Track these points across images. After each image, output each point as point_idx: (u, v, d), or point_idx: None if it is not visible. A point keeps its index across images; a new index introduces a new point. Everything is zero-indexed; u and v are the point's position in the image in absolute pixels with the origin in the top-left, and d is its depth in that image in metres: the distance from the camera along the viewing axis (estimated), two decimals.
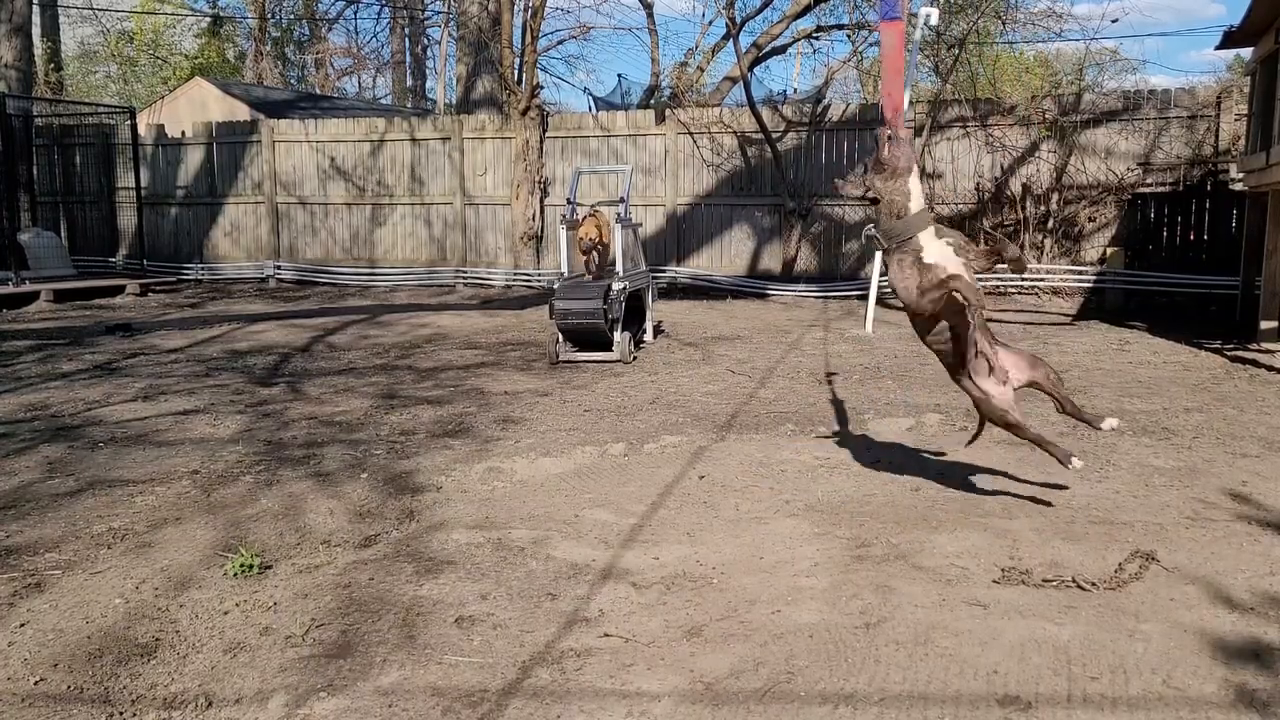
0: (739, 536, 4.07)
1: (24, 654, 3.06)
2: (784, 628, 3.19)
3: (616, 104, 18.31)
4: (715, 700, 2.75)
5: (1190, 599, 3.37)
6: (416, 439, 5.71)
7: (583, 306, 8.17)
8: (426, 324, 11.01)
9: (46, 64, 20.50)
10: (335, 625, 3.25)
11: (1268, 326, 8.89)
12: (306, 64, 34.45)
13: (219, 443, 5.64)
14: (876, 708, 2.69)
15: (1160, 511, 4.29)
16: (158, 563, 3.79)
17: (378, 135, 16.03)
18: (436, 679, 2.90)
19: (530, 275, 14.98)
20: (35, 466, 5.15)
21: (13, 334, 10.25)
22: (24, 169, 15.80)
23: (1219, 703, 2.70)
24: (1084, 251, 12.69)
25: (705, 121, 14.43)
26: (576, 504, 4.53)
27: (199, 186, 17.09)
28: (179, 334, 10.29)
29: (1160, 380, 7.36)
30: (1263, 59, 9.43)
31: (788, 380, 7.53)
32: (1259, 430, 5.74)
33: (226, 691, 2.84)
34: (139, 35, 29.52)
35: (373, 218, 16.19)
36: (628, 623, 3.25)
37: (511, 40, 15.31)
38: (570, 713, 2.70)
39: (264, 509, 4.44)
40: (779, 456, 5.29)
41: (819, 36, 17.53)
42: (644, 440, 5.63)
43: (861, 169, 4.23)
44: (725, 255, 14.55)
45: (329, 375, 7.82)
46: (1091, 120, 12.74)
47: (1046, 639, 3.07)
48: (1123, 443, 5.47)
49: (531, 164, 14.81)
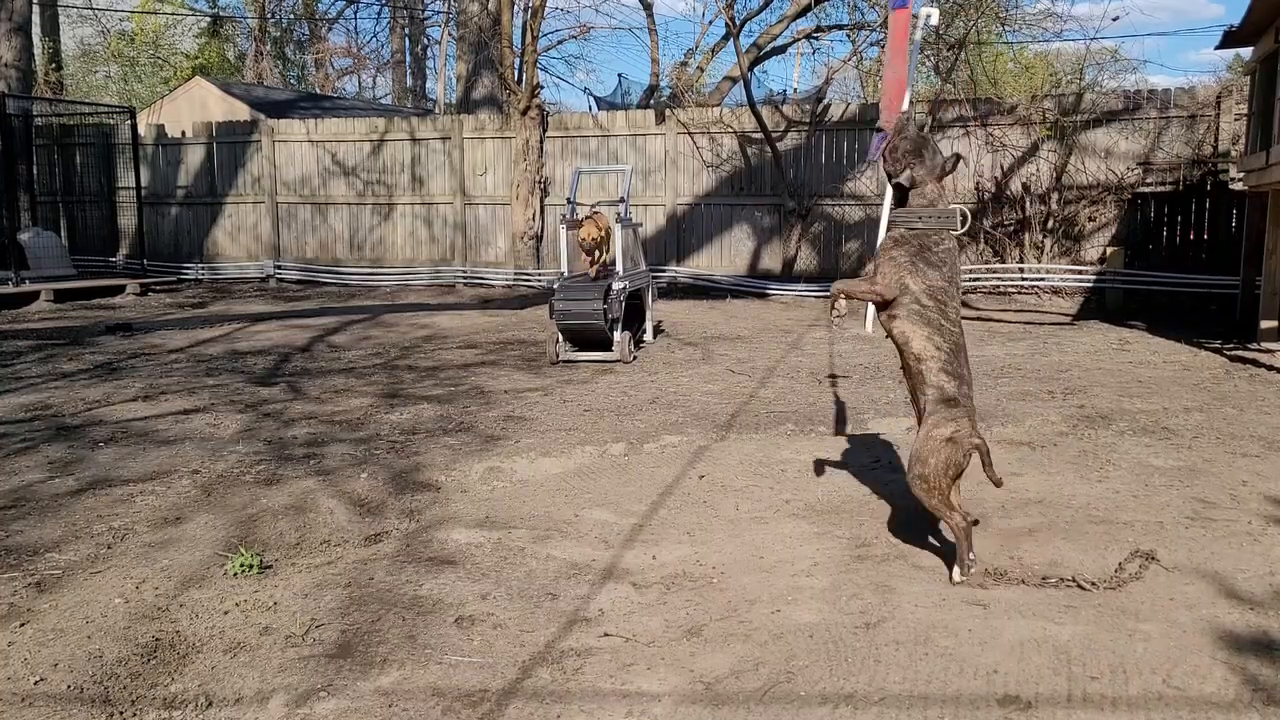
0: (739, 536, 4.07)
1: (24, 654, 3.06)
2: (784, 628, 3.19)
3: (616, 104, 18.32)
4: (715, 700, 2.75)
5: (1190, 598, 3.37)
6: (417, 439, 5.71)
7: (583, 306, 8.17)
8: (427, 323, 11.01)
9: (46, 64, 20.49)
10: (335, 625, 3.25)
11: (1268, 326, 8.89)
12: (306, 64, 34.45)
13: (219, 442, 5.64)
14: (876, 708, 2.69)
15: (1160, 511, 4.28)
16: (158, 563, 3.79)
17: (378, 135, 16.04)
18: (436, 679, 2.90)
19: (530, 275, 14.98)
20: (36, 466, 5.15)
21: (13, 334, 10.25)
22: (24, 169, 15.80)
23: (1220, 702, 2.70)
24: (1084, 251, 12.69)
25: (705, 121, 14.43)
26: (576, 504, 4.53)
27: (199, 186, 17.09)
28: (179, 334, 10.29)
29: (1160, 380, 7.36)
30: (1263, 59, 9.43)
31: (788, 380, 7.53)
32: (1259, 430, 5.74)
33: (226, 691, 2.84)
34: (139, 36, 29.51)
35: (373, 217, 16.20)
36: (628, 622, 3.25)
37: (511, 40, 15.31)
38: (570, 713, 2.70)
39: (264, 509, 4.44)
40: (779, 456, 5.29)
41: (819, 36, 17.55)
42: (644, 440, 5.63)
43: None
44: (725, 255, 14.55)
45: (329, 375, 7.82)
46: (1091, 120, 12.74)
47: (1046, 639, 3.07)
48: (1123, 443, 5.47)
49: (531, 164, 14.81)
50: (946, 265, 3.45)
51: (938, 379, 3.45)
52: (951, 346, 3.46)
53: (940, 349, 3.44)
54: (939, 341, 3.44)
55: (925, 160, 3.57)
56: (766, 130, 13.70)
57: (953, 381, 3.44)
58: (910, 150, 3.60)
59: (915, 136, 3.63)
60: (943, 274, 3.44)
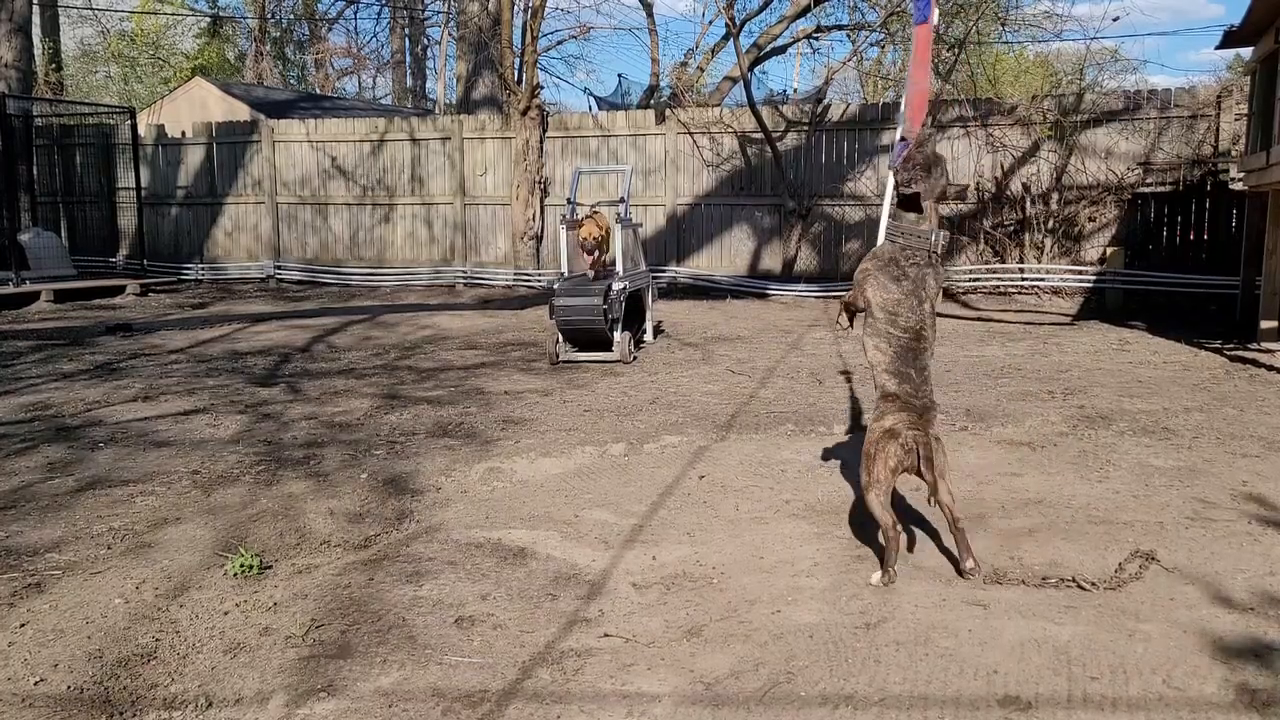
0: (739, 536, 4.07)
1: (24, 654, 3.06)
2: (784, 628, 3.19)
3: (617, 104, 18.34)
4: (715, 701, 2.75)
5: (1190, 599, 3.37)
6: (417, 439, 5.72)
7: (583, 306, 8.17)
8: (427, 324, 11.01)
9: (46, 64, 20.48)
10: (335, 625, 3.25)
11: (1268, 326, 8.89)
12: (306, 64, 34.46)
13: (219, 443, 5.64)
14: (876, 708, 2.69)
15: (1160, 511, 4.28)
16: (158, 563, 3.79)
17: (378, 135, 16.04)
18: (436, 679, 2.90)
19: (530, 275, 14.98)
20: (36, 467, 5.15)
21: (13, 334, 10.25)
22: (24, 169, 15.80)
23: (1219, 703, 2.70)
24: (1084, 251, 12.69)
25: (705, 121, 14.43)
26: (576, 504, 4.53)
27: (199, 186, 17.09)
28: (179, 334, 10.29)
29: (1160, 380, 7.36)
30: (1263, 59, 9.42)
31: (788, 380, 7.53)
32: (1259, 430, 5.74)
33: (226, 692, 2.84)
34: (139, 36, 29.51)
35: (373, 218, 16.20)
36: (628, 623, 3.25)
37: (511, 40, 15.31)
38: (570, 713, 2.70)
39: (264, 509, 4.44)
40: (779, 456, 5.29)
41: (819, 37, 17.56)
42: (644, 440, 5.63)
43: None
44: (725, 255, 14.55)
45: (330, 376, 7.82)
46: (1092, 120, 12.73)
47: (1046, 639, 3.07)
48: (1123, 443, 5.47)
49: (531, 164, 14.81)
50: (909, 280, 3.65)
51: (882, 379, 3.71)
52: (897, 351, 3.66)
53: (885, 354, 3.69)
54: (884, 348, 3.69)
55: (930, 178, 3.74)
56: (766, 130, 13.71)
57: (894, 380, 3.66)
58: (920, 165, 3.76)
59: (930, 155, 3.80)
60: (902, 288, 3.66)
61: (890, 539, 3.54)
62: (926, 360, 3.67)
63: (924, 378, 3.64)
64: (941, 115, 13.18)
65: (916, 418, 3.58)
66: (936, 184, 3.75)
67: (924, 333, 3.65)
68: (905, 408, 3.59)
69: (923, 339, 3.65)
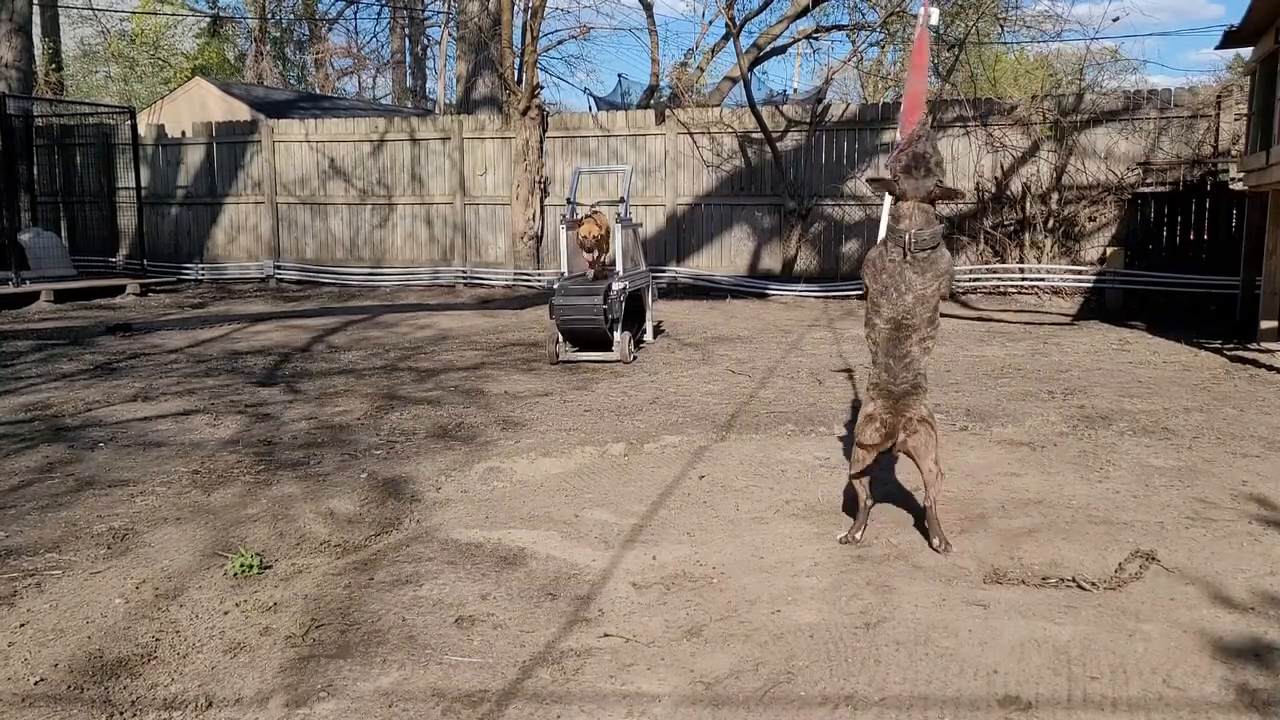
0: (739, 536, 4.07)
1: (24, 654, 3.06)
2: (784, 628, 3.19)
3: (616, 104, 18.32)
4: (715, 700, 2.75)
5: (1190, 599, 3.37)
6: (416, 439, 5.71)
7: (583, 306, 8.16)
8: (427, 324, 11.01)
9: (47, 64, 20.48)
10: (335, 625, 3.25)
11: (1268, 326, 8.89)
12: (306, 64, 34.46)
13: (219, 443, 5.64)
14: (876, 708, 2.69)
15: (1160, 511, 4.28)
16: (157, 563, 3.79)
17: (378, 135, 16.04)
18: (436, 679, 2.89)
19: (530, 275, 14.98)
20: (35, 467, 5.15)
21: (13, 334, 10.25)
22: (24, 169, 15.80)
23: (1219, 703, 2.70)
24: (1084, 251, 12.69)
25: (705, 121, 14.43)
26: (576, 504, 4.52)
27: (199, 186, 17.09)
28: (179, 334, 10.29)
29: (1160, 380, 7.36)
30: (1263, 59, 9.42)
31: (788, 380, 7.53)
32: (1259, 430, 5.74)
33: (226, 692, 2.84)
34: (139, 36, 29.51)
35: (373, 218, 16.19)
36: (628, 623, 3.25)
37: (511, 40, 15.31)
38: (570, 713, 2.70)
39: (264, 509, 4.44)
40: (779, 456, 5.29)
41: (819, 37, 17.55)
42: (644, 440, 5.63)
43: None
44: (725, 255, 14.55)
45: (329, 376, 7.82)
46: (1091, 120, 12.73)
47: (1046, 639, 3.07)
48: (1123, 443, 5.47)
49: (531, 164, 14.81)
50: (887, 274, 3.86)
51: (872, 367, 4.01)
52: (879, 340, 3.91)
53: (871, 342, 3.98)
54: (872, 336, 3.97)
55: (911, 179, 3.85)
56: (766, 130, 13.71)
57: (877, 368, 3.95)
58: (901, 166, 3.89)
59: (913, 155, 3.88)
60: (881, 281, 3.88)
61: (861, 509, 4.02)
62: (909, 349, 3.86)
63: (904, 365, 3.86)
64: (941, 115, 13.18)
65: (893, 403, 3.88)
66: (920, 184, 3.83)
67: (905, 323, 3.83)
68: (883, 394, 3.90)
69: (903, 329, 3.84)
